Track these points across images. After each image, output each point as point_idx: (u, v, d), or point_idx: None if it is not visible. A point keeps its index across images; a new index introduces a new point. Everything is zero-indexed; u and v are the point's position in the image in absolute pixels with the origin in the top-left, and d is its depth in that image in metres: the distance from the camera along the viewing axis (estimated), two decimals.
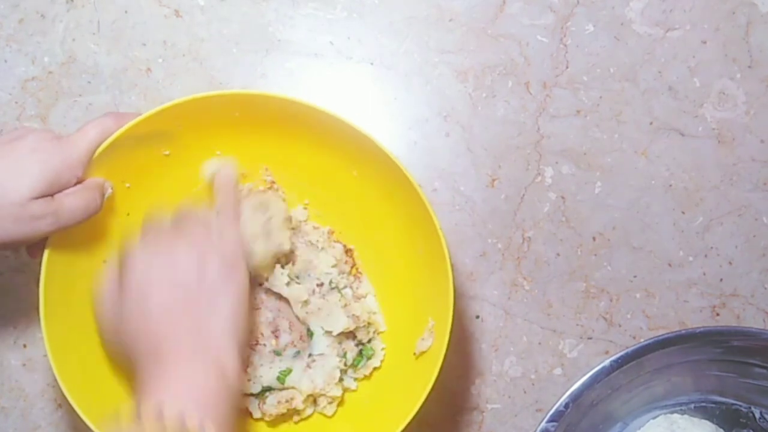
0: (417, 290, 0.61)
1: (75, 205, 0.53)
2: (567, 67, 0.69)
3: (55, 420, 0.67)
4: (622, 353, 0.58)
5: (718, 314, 0.68)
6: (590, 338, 0.68)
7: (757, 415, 0.64)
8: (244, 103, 0.57)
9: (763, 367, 0.61)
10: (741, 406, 0.64)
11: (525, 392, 0.67)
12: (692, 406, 0.65)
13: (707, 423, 0.64)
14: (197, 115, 0.57)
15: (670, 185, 0.69)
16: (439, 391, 0.61)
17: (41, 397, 0.67)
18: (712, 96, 0.69)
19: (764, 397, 0.63)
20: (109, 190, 0.56)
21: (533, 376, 0.68)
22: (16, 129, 0.54)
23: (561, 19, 0.69)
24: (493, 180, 0.69)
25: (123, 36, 0.69)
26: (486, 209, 0.68)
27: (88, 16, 0.69)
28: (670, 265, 0.68)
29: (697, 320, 0.68)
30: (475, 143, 0.69)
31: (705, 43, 0.69)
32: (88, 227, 0.57)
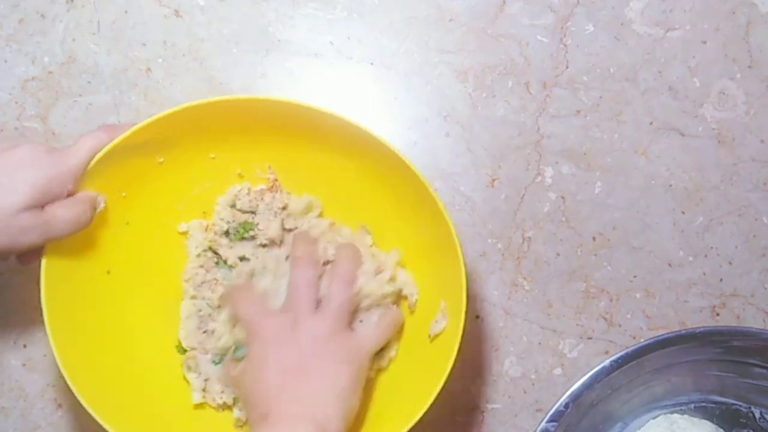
0: (426, 274, 0.61)
1: (65, 218, 0.53)
2: (567, 67, 0.69)
3: (55, 420, 0.67)
4: (622, 353, 0.58)
5: (718, 314, 0.68)
6: (590, 338, 0.68)
7: (757, 415, 0.64)
8: (236, 109, 0.57)
9: (763, 367, 0.61)
10: (741, 406, 0.64)
11: (525, 392, 0.67)
12: (692, 406, 0.65)
13: (707, 423, 0.64)
14: (190, 121, 0.57)
15: (670, 185, 0.69)
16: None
17: (41, 397, 0.67)
18: (712, 96, 0.69)
19: (764, 397, 0.63)
20: (102, 204, 0.57)
21: (533, 376, 0.68)
22: (10, 142, 0.54)
23: (561, 19, 0.69)
24: (493, 180, 0.69)
25: (123, 36, 0.69)
26: (486, 209, 0.68)
27: (88, 16, 0.69)
28: (670, 265, 0.68)
29: (697, 320, 0.68)
30: (475, 143, 0.69)
31: (705, 43, 0.69)
32: (88, 238, 0.57)
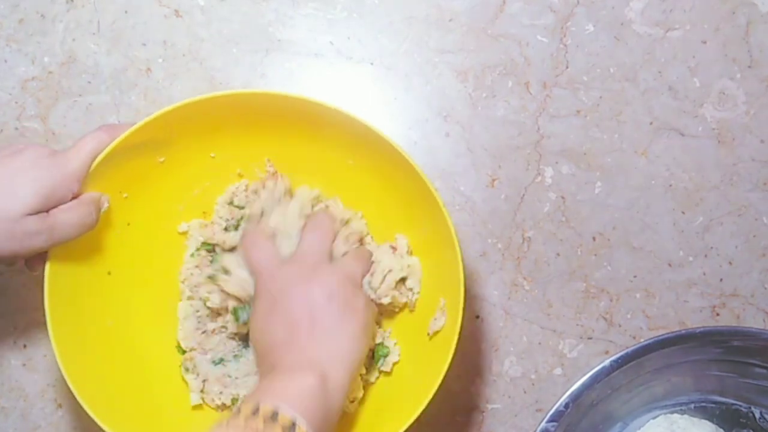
0: (427, 271, 0.61)
1: (70, 221, 0.53)
2: (567, 67, 0.69)
3: (55, 420, 0.67)
4: (622, 353, 0.58)
5: (718, 314, 0.68)
6: (590, 338, 0.68)
7: (757, 415, 0.64)
8: (235, 103, 0.57)
9: (763, 367, 0.61)
10: (741, 406, 0.64)
11: (525, 392, 0.67)
12: (692, 406, 0.65)
13: (707, 423, 0.64)
14: (190, 119, 0.57)
15: (670, 185, 0.69)
16: (439, 390, 0.61)
17: (41, 397, 0.67)
18: (712, 96, 0.69)
19: (764, 397, 0.63)
20: (106, 204, 0.57)
21: (533, 376, 0.68)
22: (13, 144, 0.54)
23: (561, 19, 0.69)
24: (493, 180, 0.69)
25: (123, 36, 0.69)
26: (486, 209, 0.68)
27: (88, 16, 0.69)
28: (670, 265, 0.68)
29: (697, 320, 0.68)
30: (475, 143, 0.69)
31: (705, 43, 0.69)
32: (90, 239, 0.57)
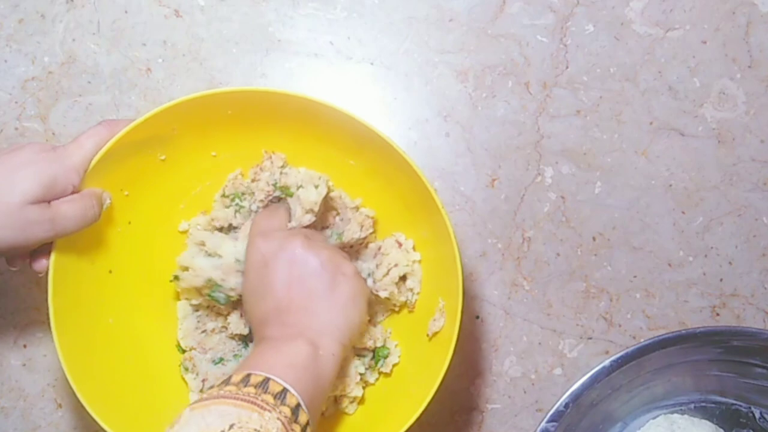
0: (426, 272, 0.61)
1: (71, 213, 0.53)
2: (567, 67, 0.69)
3: (55, 420, 0.67)
4: (622, 353, 0.58)
5: (718, 314, 0.68)
6: (590, 338, 0.68)
7: (757, 415, 0.64)
8: (236, 101, 0.57)
9: (763, 367, 0.61)
10: (741, 406, 0.64)
11: (525, 392, 0.67)
12: (692, 406, 0.65)
13: (707, 423, 0.64)
14: (191, 116, 0.57)
15: (670, 185, 0.69)
16: (439, 391, 0.61)
17: (41, 397, 0.67)
18: (712, 96, 0.69)
19: (764, 397, 0.63)
20: (108, 201, 0.57)
21: (533, 376, 0.68)
22: (12, 144, 0.54)
23: (561, 19, 0.69)
24: (493, 180, 0.69)
25: (123, 36, 0.69)
26: (486, 209, 0.68)
27: (88, 16, 0.69)
28: (670, 265, 0.68)
29: (697, 320, 0.68)
30: (475, 143, 0.69)
31: (705, 43, 0.69)
32: (92, 237, 0.57)
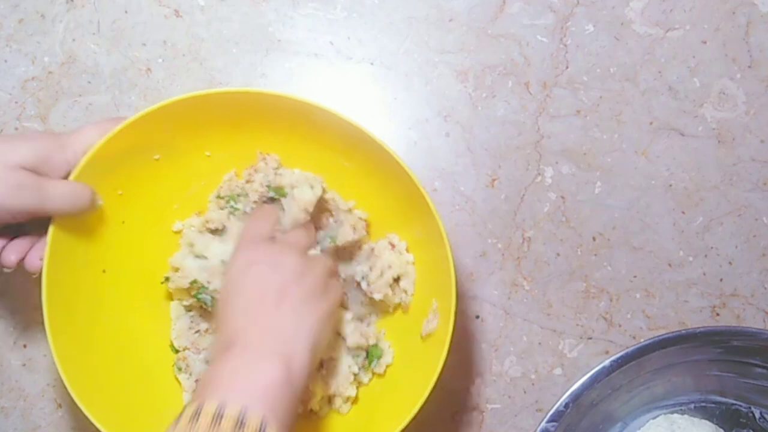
0: (419, 273, 0.61)
1: (62, 189, 0.53)
2: (567, 67, 0.69)
3: (55, 420, 0.67)
4: (622, 353, 0.58)
5: (718, 314, 0.68)
6: (590, 338, 0.68)
7: (757, 415, 0.64)
8: (229, 102, 0.57)
9: (763, 367, 0.61)
10: (741, 406, 0.64)
11: (525, 392, 0.67)
12: (692, 406, 0.65)
13: (707, 423, 0.64)
14: (184, 116, 0.57)
15: (670, 185, 0.69)
16: (439, 391, 0.61)
17: (41, 397, 0.67)
18: (712, 96, 0.69)
19: (764, 397, 0.63)
20: (99, 201, 0.57)
21: (533, 376, 0.68)
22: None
23: (561, 19, 0.69)
24: (493, 180, 0.69)
25: (123, 36, 0.69)
26: (486, 209, 0.68)
27: (88, 16, 0.69)
28: (670, 265, 0.68)
29: (697, 320, 0.68)
30: (475, 143, 0.69)
31: (705, 43, 0.69)
32: (85, 237, 0.57)
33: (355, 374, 0.62)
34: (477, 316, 0.68)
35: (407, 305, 0.62)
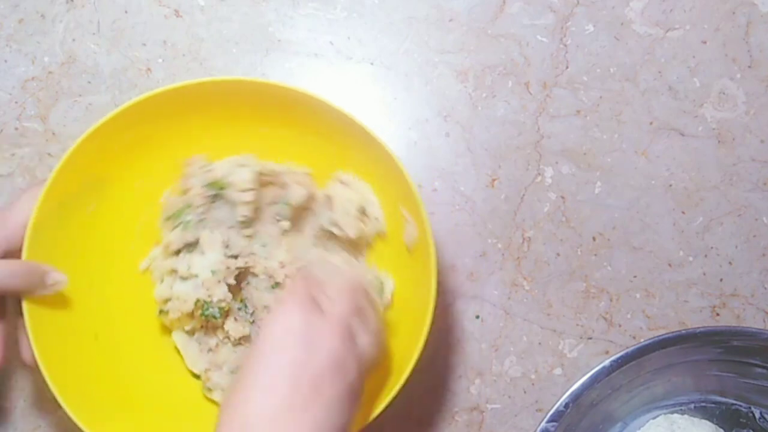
0: (378, 194, 0.61)
1: (2, 271, 0.51)
2: (567, 67, 0.69)
3: (55, 420, 0.67)
4: (622, 353, 0.58)
5: (718, 314, 0.68)
6: (590, 338, 0.68)
7: (757, 415, 0.64)
8: (123, 124, 0.56)
9: (763, 367, 0.61)
10: (741, 406, 0.64)
11: (525, 392, 0.67)
12: (692, 406, 0.65)
13: (707, 423, 0.64)
14: (90, 157, 0.56)
15: (670, 185, 0.69)
16: (439, 391, 0.61)
17: (41, 397, 0.67)
18: (712, 96, 0.69)
19: (764, 397, 0.63)
20: (59, 279, 0.54)
21: (533, 376, 0.68)
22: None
23: (561, 19, 0.69)
24: (493, 180, 0.69)
25: (123, 36, 0.69)
26: (486, 209, 0.68)
27: (88, 16, 0.69)
28: (670, 265, 0.68)
29: (697, 320, 0.68)
30: (475, 143, 0.69)
31: (705, 43, 0.69)
32: (68, 302, 0.57)
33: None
34: (477, 316, 0.68)
35: (384, 231, 0.62)
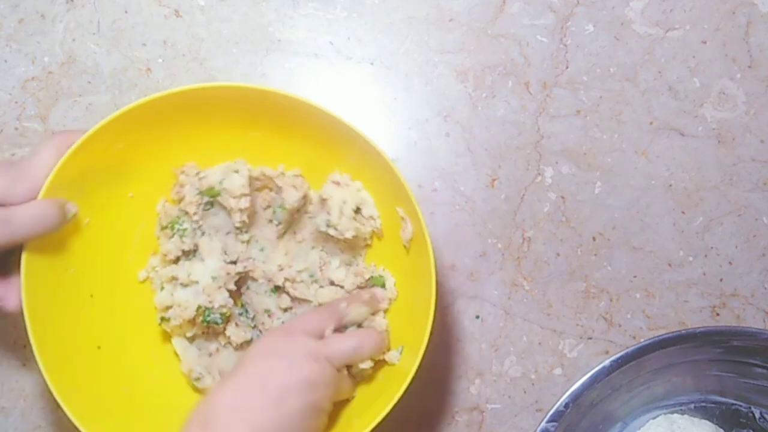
0: (374, 195, 0.61)
1: (28, 213, 0.52)
2: (567, 67, 0.69)
3: (55, 420, 0.67)
4: (622, 353, 0.58)
5: (718, 314, 0.68)
6: (590, 338, 0.68)
7: (757, 415, 0.64)
8: (116, 131, 0.56)
9: (763, 367, 0.61)
10: (741, 406, 0.64)
11: (525, 392, 0.67)
12: (692, 406, 0.65)
13: (707, 423, 0.64)
14: (91, 170, 0.57)
15: (670, 185, 0.69)
16: (439, 391, 0.62)
17: (41, 397, 0.67)
18: (712, 96, 0.69)
19: (764, 397, 0.63)
20: (73, 210, 0.56)
21: (533, 376, 0.68)
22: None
23: (561, 19, 0.69)
24: (493, 180, 0.69)
25: (123, 36, 0.69)
26: (486, 209, 0.68)
27: (88, 16, 0.69)
28: (670, 265, 0.68)
29: (697, 320, 0.68)
30: (475, 143, 0.69)
31: (705, 43, 0.69)
32: (73, 316, 0.57)
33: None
34: (477, 316, 0.68)
35: (380, 230, 0.62)
